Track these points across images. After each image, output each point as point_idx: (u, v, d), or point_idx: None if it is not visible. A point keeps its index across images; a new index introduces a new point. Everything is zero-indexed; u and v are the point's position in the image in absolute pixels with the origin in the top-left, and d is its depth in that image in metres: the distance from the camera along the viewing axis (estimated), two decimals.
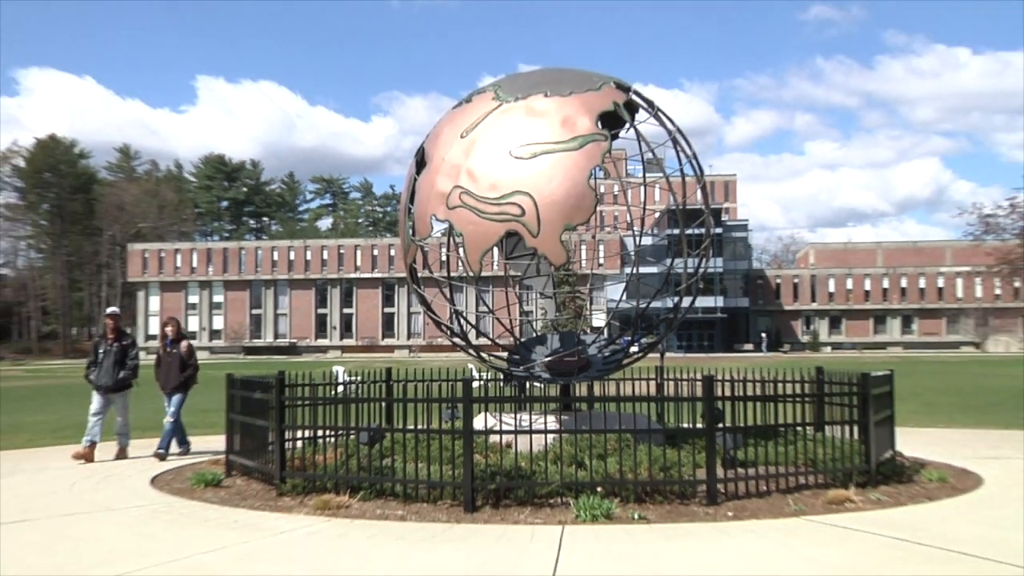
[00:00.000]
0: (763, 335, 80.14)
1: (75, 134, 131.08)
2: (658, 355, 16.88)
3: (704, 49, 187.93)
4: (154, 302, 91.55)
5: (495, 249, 9.11)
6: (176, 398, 12.12)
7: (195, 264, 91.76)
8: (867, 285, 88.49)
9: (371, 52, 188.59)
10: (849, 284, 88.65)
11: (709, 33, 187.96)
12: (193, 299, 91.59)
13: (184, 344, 12.29)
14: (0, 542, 6.78)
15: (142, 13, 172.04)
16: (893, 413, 9.81)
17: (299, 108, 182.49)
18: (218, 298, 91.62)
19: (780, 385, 9.12)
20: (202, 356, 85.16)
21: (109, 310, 12.45)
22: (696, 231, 11.41)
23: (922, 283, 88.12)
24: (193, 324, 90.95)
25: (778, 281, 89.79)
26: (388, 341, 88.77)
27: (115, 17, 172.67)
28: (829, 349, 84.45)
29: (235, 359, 78.23)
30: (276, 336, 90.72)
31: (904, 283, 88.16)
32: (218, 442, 11.16)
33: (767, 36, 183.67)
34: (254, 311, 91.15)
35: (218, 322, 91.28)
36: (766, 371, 9.30)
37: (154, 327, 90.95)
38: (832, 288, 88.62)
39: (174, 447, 12.03)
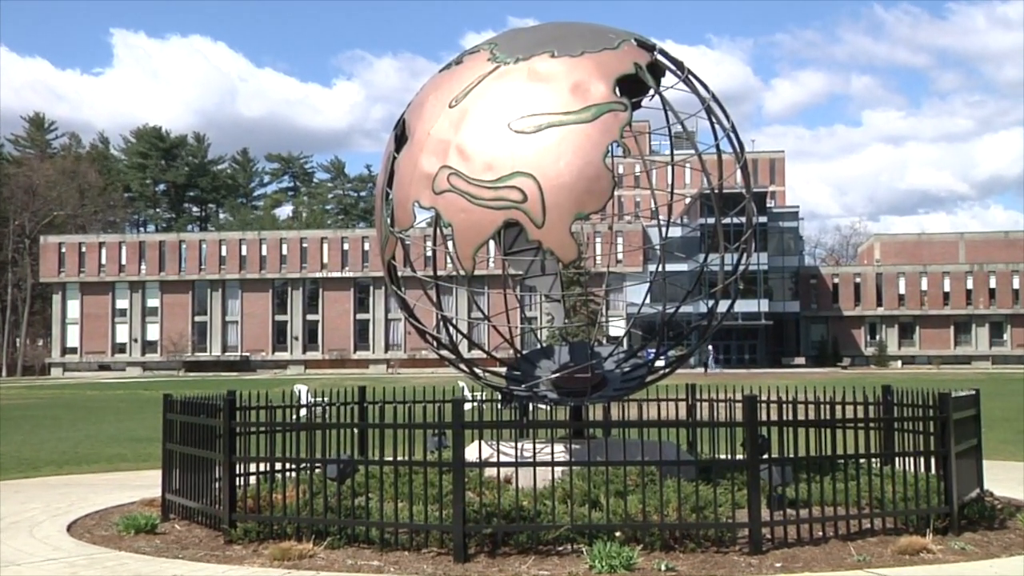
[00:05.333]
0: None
1: None
2: (701, 369, 16.93)
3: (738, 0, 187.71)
4: (73, 307, 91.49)
5: (491, 243, 9.13)
6: None
7: (124, 261, 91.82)
8: (946, 285, 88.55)
9: (328, 3, 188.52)
10: (924, 284, 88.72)
11: None
12: (122, 303, 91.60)
13: None
14: None
15: None
16: (980, 443, 9.84)
17: (242, 70, 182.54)
18: (153, 302, 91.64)
19: (839, 408, 9.14)
20: (134, 373, 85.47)
21: None
22: (735, 220, 11.45)
23: (1016, 283, 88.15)
24: (122, 334, 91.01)
25: (836, 281, 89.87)
26: (361, 354, 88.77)
27: None
28: (899, 364, 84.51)
29: (174, 377, 78.20)
30: (225, 349, 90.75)
31: (993, 283, 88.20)
32: (153, 478, 11.17)
33: None
34: (197, 318, 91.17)
35: (153, 332, 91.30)
36: (821, 390, 9.33)
37: (73, 339, 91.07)
38: (902, 289, 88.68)
39: None
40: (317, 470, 9.08)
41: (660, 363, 10.82)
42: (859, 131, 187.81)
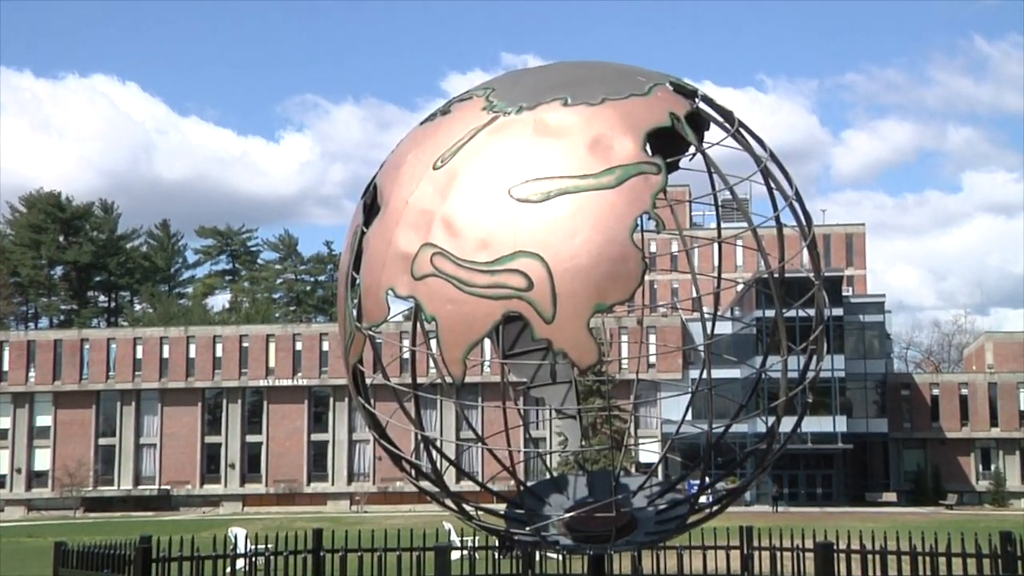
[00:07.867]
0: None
1: None
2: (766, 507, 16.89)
3: (797, 30, 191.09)
4: None
5: (487, 342, 9.20)
6: None
7: (6, 366, 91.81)
8: None
9: (272, 35, 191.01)
10: None
11: (804, 6, 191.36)
12: (2, 423, 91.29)
13: None
14: None
15: None
16: None
17: (160, 119, 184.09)
18: (44, 420, 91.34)
19: (943, 560, 9.10)
20: (15, 515, 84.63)
21: None
22: (802, 313, 11.54)
23: None
24: (2, 463, 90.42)
25: (935, 392, 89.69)
26: (318, 486, 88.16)
27: None
28: (1022, 503, 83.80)
29: (69, 519, 77.51)
30: (138, 480, 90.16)
31: None
32: None
33: (897, 8, 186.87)
34: (103, 441, 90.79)
35: (43, 459, 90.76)
36: (919, 537, 9.32)
37: None
38: None
39: None
40: None
41: (705, 499, 10.79)
42: (959, 198, 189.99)
